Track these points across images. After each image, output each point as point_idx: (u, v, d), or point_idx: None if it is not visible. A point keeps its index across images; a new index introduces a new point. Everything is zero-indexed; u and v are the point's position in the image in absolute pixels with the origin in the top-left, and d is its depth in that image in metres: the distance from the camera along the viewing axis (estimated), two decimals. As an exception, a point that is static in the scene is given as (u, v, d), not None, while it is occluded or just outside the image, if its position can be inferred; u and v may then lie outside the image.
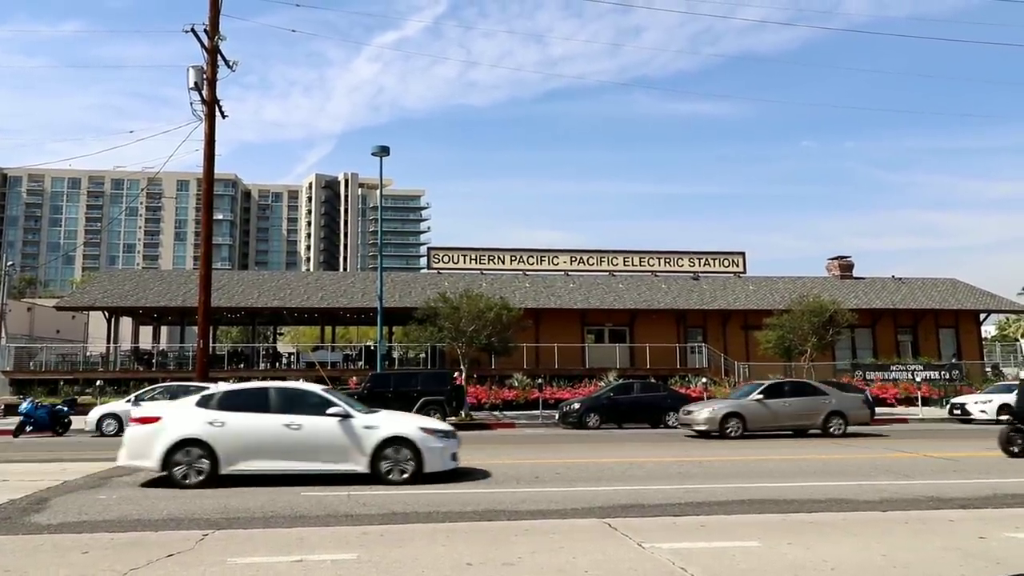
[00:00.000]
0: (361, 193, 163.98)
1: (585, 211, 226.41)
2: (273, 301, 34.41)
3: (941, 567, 6.15)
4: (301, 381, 28.06)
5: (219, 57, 23.07)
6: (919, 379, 30.85)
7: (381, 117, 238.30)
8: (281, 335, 57.62)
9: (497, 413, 27.21)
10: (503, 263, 38.30)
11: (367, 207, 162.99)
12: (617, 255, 39.57)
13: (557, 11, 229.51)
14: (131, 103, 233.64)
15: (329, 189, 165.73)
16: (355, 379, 28.66)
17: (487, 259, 38.25)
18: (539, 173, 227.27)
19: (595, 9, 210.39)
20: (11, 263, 58.45)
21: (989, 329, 56.27)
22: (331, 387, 27.43)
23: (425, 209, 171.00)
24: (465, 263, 38.05)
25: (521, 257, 38.62)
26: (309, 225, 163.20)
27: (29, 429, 20.79)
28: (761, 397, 19.40)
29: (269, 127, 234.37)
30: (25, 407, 21.20)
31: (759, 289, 38.16)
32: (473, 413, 25.46)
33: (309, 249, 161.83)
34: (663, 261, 39.53)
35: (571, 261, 38.99)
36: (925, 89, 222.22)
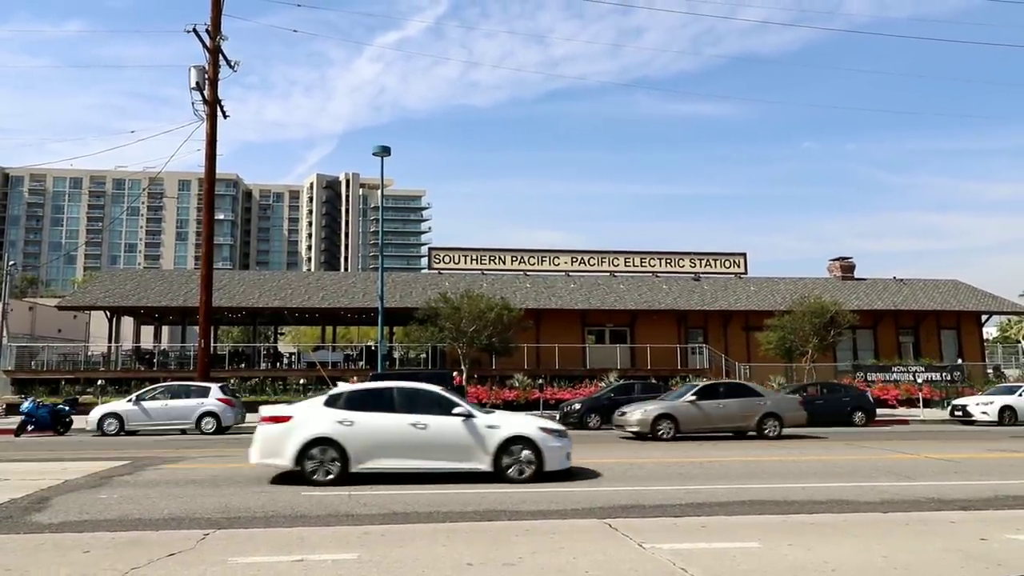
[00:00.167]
0: (362, 193, 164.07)
1: (586, 211, 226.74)
2: (274, 301, 34.43)
3: (942, 569, 6.15)
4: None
5: (221, 57, 23.12)
6: (920, 380, 30.83)
7: (382, 117, 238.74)
8: (282, 335, 57.67)
9: (498, 413, 27.18)
10: (504, 263, 38.30)
11: (368, 207, 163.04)
12: (618, 256, 39.58)
13: (558, 12, 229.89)
14: (133, 103, 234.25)
15: (330, 189, 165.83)
16: (356, 379, 28.63)
17: (488, 259, 38.26)
18: (540, 173, 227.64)
19: (596, 10, 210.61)
20: (13, 263, 58.49)
21: (991, 331, 56.25)
22: (332, 388, 27.54)
23: (426, 209, 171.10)
24: (466, 263, 38.06)
25: (522, 257, 38.63)
26: (310, 225, 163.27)
27: (30, 428, 20.83)
28: (694, 399, 19.09)
29: (270, 127, 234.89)
30: (27, 406, 21.24)
31: (760, 290, 38.14)
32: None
33: (310, 249, 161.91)
34: (664, 262, 39.52)
35: (572, 261, 39.00)
36: (926, 90, 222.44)
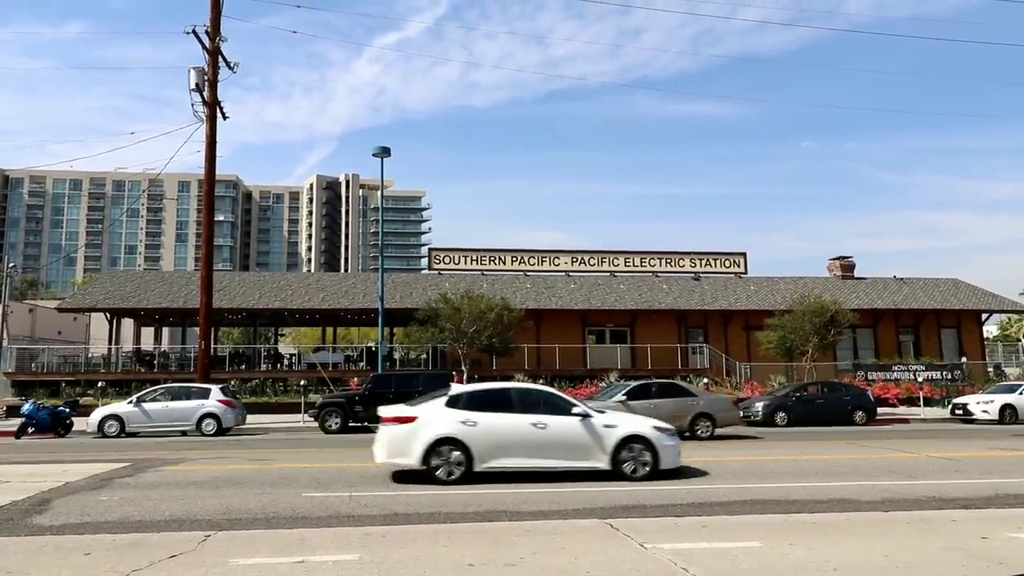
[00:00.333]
0: (362, 194, 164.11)
1: (586, 212, 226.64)
2: (274, 302, 34.43)
3: (944, 567, 6.15)
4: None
5: (220, 58, 23.14)
6: (921, 379, 30.82)
7: (382, 118, 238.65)
8: (282, 336, 57.69)
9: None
10: (504, 264, 38.31)
11: (368, 208, 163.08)
12: (618, 256, 39.59)
13: (558, 12, 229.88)
14: (133, 105, 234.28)
15: (330, 190, 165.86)
16: (356, 380, 28.65)
17: (488, 260, 38.27)
18: (540, 174, 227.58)
19: (596, 10, 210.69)
20: (13, 264, 58.54)
21: (991, 329, 56.27)
22: (333, 388, 27.52)
23: (426, 210, 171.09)
24: (466, 264, 38.07)
25: (522, 258, 38.64)
26: (310, 226, 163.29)
27: (31, 431, 20.82)
28: (625, 399, 18.93)
29: (270, 128, 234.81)
30: (27, 409, 21.22)
31: (760, 289, 38.14)
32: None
33: (310, 250, 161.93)
34: (664, 262, 39.53)
35: (572, 262, 39.01)
36: (925, 89, 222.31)
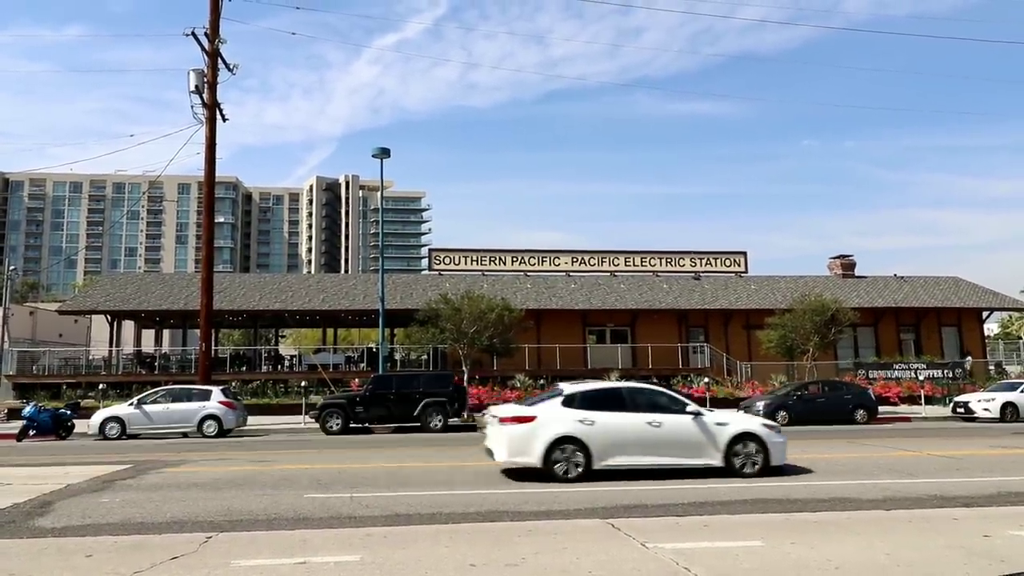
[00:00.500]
0: (362, 195, 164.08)
1: (586, 212, 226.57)
2: (275, 304, 34.43)
3: (945, 566, 6.15)
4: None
5: (219, 60, 23.15)
6: (922, 377, 30.78)
7: (382, 119, 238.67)
8: (283, 337, 57.69)
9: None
10: (504, 264, 38.28)
11: (368, 209, 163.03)
12: (618, 255, 39.57)
13: (557, 12, 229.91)
14: (133, 107, 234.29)
15: (330, 191, 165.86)
16: (357, 381, 28.64)
17: (488, 260, 38.25)
18: (540, 174, 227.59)
19: (596, 10, 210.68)
20: (13, 267, 58.58)
21: (992, 327, 56.30)
22: (334, 389, 27.52)
23: (426, 211, 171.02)
24: (466, 264, 38.05)
25: (522, 258, 38.62)
26: (310, 227, 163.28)
27: (32, 433, 20.82)
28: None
29: (270, 130, 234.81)
30: (28, 411, 21.22)
31: (761, 288, 38.13)
32: (475, 415, 25.42)
33: (310, 251, 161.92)
34: (664, 261, 39.50)
35: (572, 262, 38.99)
36: (924, 87, 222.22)
